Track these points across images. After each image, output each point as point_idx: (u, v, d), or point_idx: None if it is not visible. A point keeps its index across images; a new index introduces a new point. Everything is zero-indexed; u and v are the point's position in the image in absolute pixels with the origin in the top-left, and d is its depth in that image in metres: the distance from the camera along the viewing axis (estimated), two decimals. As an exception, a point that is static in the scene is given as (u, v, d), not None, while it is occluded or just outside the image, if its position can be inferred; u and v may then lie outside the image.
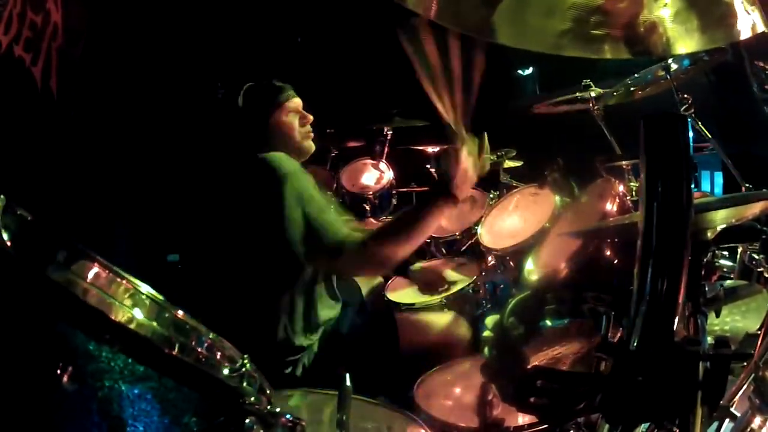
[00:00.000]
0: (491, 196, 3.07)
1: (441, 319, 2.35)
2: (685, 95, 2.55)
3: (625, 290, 0.87)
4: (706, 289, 0.93)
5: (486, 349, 2.18)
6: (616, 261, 1.95)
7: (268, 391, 0.83)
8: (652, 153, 0.74)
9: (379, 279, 2.71)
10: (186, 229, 2.44)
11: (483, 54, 1.60)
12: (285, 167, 1.93)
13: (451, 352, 2.15)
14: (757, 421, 1.11)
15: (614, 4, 0.86)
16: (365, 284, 2.70)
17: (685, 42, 0.92)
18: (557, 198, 2.51)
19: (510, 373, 0.90)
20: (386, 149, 4.00)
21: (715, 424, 1.11)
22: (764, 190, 2.07)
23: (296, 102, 2.17)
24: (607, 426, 0.76)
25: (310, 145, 2.20)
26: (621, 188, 2.25)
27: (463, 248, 3.01)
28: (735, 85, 2.96)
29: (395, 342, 2.16)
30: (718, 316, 1.10)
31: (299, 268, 2.03)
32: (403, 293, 2.63)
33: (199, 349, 0.74)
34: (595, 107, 2.98)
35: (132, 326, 0.69)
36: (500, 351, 1.00)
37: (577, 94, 3.01)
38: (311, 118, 2.19)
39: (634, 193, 2.38)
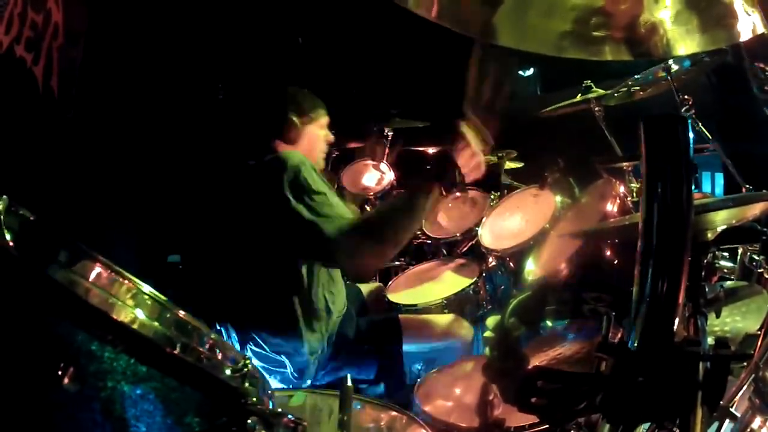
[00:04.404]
0: (492, 197, 3.07)
1: (442, 320, 2.35)
2: (686, 96, 2.55)
3: (625, 291, 0.87)
4: (707, 290, 0.93)
5: (487, 350, 2.19)
6: (616, 262, 1.95)
7: (269, 392, 0.83)
8: (652, 154, 0.74)
9: (378, 283, 2.72)
10: (194, 227, 2.47)
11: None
12: (294, 159, 2.00)
13: (452, 353, 2.15)
14: (757, 421, 1.11)
15: (615, 6, 0.86)
16: (365, 286, 2.71)
17: (685, 43, 0.92)
18: (558, 199, 2.51)
19: (511, 373, 0.90)
20: (387, 150, 3.99)
21: (716, 425, 1.11)
22: (765, 191, 2.07)
23: (327, 119, 2.29)
24: (607, 426, 0.76)
25: (322, 164, 2.34)
26: (621, 189, 2.25)
27: (464, 249, 3.01)
28: (735, 86, 2.95)
29: (398, 337, 2.17)
30: (718, 316, 1.10)
31: (303, 265, 2.04)
32: (403, 294, 2.63)
33: (201, 349, 0.74)
34: (596, 108, 2.98)
35: (134, 326, 0.69)
36: (501, 351, 1.00)
37: (579, 97, 3.00)
38: (332, 138, 2.32)
39: (634, 193, 2.38)
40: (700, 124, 2.55)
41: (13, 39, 2.46)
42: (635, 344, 0.75)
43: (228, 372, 0.76)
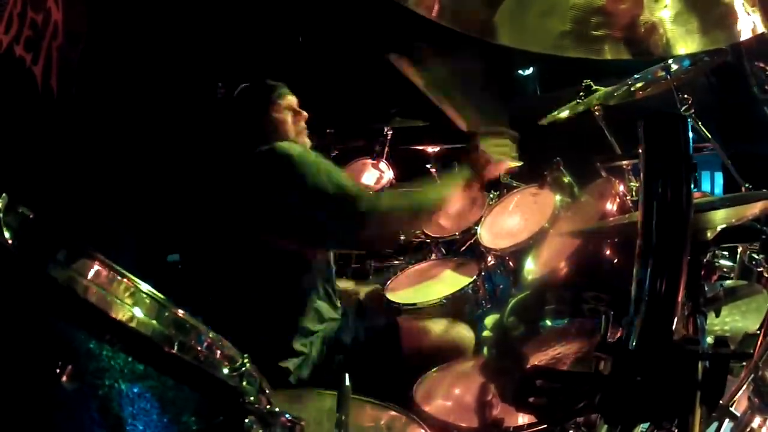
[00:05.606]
0: (491, 196, 3.06)
1: (441, 322, 2.34)
2: (685, 95, 2.55)
3: (624, 290, 0.87)
4: (706, 289, 0.93)
5: (486, 349, 2.19)
6: (615, 261, 1.95)
7: (267, 391, 0.83)
8: (651, 153, 0.74)
9: (376, 284, 2.71)
10: (190, 228, 2.47)
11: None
12: (293, 149, 2.01)
13: (452, 353, 2.14)
14: (757, 420, 1.11)
15: (615, 5, 0.86)
16: (363, 287, 2.70)
17: (685, 43, 0.92)
18: (557, 198, 2.51)
19: (509, 372, 0.90)
20: (386, 149, 4.00)
21: (715, 424, 1.11)
22: (764, 190, 2.07)
23: (290, 100, 2.23)
24: (606, 426, 0.76)
25: (306, 142, 2.26)
26: (621, 188, 2.25)
27: (463, 248, 3.01)
28: (735, 86, 2.96)
29: (397, 345, 2.15)
30: (717, 316, 1.10)
31: (300, 268, 2.04)
32: (402, 293, 2.63)
33: (199, 348, 0.74)
34: (596, 107, 2.97)
35: (132, 324, 0.69)
36: (500, 351, 1.00)
37: (578, 100, 2.99)
38: (305, 115, 2.26)
39: (634, 192, 2.38)
40: (699, 123, 2.55)
41: (13, 38, 2.46)
42: (634, 343, 0.75)
43: (226, 371, 0.76)
